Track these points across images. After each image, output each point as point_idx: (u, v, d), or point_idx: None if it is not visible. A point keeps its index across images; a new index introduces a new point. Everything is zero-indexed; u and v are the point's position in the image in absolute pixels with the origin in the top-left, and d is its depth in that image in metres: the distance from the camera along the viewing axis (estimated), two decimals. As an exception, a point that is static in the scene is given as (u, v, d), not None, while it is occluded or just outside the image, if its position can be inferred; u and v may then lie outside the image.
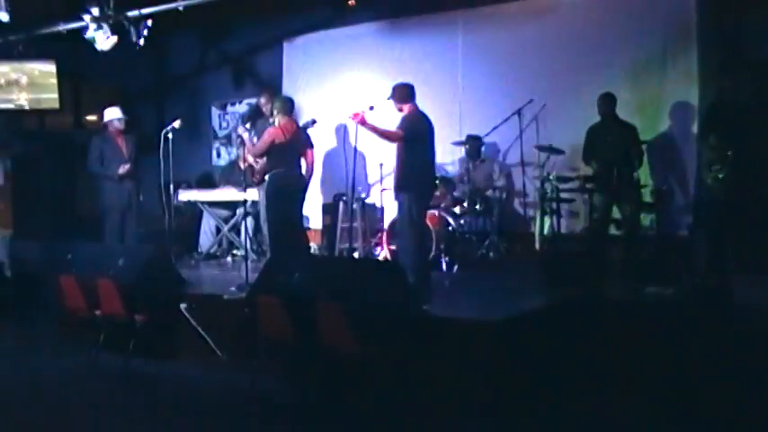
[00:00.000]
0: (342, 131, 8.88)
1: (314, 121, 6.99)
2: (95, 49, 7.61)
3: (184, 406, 4.98)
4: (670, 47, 7.39)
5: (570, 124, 7.60)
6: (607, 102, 7.07)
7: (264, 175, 6.86)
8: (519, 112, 7.65)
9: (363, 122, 5.94)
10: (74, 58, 9.23)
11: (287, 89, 9.58)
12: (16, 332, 7.27)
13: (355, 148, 6.24)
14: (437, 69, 8.56)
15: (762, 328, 4.94)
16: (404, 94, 6.09)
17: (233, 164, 9.35)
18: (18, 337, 7.11)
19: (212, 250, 8.97)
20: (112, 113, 8.00)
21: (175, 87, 10.81)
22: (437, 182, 7.21)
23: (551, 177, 7.14)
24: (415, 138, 5.96)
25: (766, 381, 4.53)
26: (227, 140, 10.45)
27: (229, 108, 10.45)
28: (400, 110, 6.11)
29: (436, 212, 7.55)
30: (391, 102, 6.11)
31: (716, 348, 4.86)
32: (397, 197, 6.06)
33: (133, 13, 7.53)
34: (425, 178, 6.14)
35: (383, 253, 7.80)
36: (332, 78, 9.46)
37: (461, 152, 8.28)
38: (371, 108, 6.03)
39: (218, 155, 10.59)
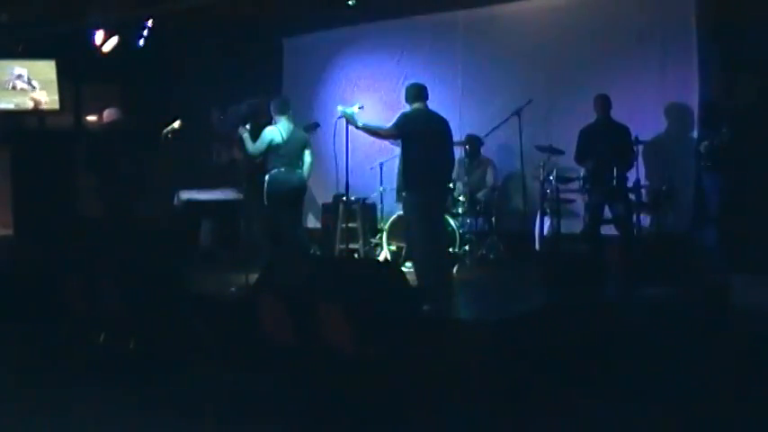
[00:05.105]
0: (339, 132, 8.86)
1: (317, 125, 6.99)
2: (95, 49, 7.61)
3: (185, 406, 4.97)
4: (670, 47, 7.39)
5: (570, 124, 7.59)
6: (603, 103, 7.08)
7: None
8: (519, 112, 7.64)
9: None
10: (74, 58, 9.23)
11: (287, 89, 9.56)
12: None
13: (347, 148, 6.18)
14: (437, 70, 8.54)
15: (762, 329, 4.94)
16: (411, 94, 6.04)
17: (233, 163, 9.34)
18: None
19: (212, 250, 8.96)
20: (112, 114, 7.98)
21: (175, 87, 10.79)
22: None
23: (551, 177, 7.14)
24: (411, 135, 5.90)
25: (766, 381, 4.53)
26: (227, 140, 10.42)
27: (229, 108, 10.42)
28: None
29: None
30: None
31: (715, 348, 4.86)
32: (398, 197, 6.06)
33: (133, 14, 7.55)
34: (430, 177, 5.91)
35: (383, 253, 7.80)
36: (331, 78, 9.44)
37: (461, 152, 8.27)
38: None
39: (219, 154, 10.56)
